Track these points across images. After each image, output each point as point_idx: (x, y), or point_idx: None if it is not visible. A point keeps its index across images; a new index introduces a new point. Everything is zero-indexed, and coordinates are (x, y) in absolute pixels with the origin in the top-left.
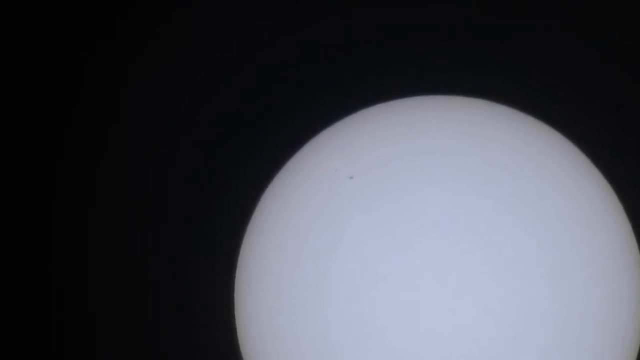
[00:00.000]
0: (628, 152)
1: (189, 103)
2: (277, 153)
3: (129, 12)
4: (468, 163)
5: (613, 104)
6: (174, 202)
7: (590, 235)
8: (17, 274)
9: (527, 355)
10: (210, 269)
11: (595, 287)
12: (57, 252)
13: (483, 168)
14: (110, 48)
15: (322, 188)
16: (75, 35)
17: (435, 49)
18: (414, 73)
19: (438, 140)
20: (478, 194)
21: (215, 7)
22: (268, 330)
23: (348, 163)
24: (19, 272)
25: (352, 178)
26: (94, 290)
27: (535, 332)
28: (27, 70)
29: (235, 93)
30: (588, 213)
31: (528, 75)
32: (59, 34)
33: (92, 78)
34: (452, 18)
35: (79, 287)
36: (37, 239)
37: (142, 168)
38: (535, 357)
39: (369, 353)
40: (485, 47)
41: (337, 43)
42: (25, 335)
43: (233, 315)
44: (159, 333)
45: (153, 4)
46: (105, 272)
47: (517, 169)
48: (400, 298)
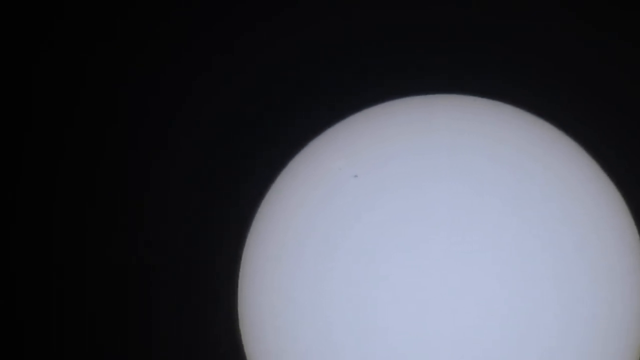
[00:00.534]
0: (631, 152)
1: (189, 103)
2: (277, 153)
3: (129, 12)
4: (468, 163)
5: (613, 104)
6: (174, 202)
7: (594, 237)
8: (17, 274)
9: (530, 357)
10: (212, 270)
11: (600, 288)
12: (57, 252)
13: (483, 167)
14: (110, 48)
15: (324, 188)
16: (75, 35)
17: (435, 49)
18: (414, 73)
19: (438, 140)
20: (478, 194)
21: (215, 7)
22: (271, 330)
23: (349, 163)
24: (19, 272)
25: (356, 177)
26: (94, 290)
27: (539, 334)
28: (27, 70)
29: (235, 93)
30: (592, 214)
31: (528, 75)
32: (59, 34)
33: (92, 78)
34: (452, 18)
35: (79, 287)
36: (37, 239)
37: (142, 168)
38: (539, 359)
39: (372, 352)
40: (485, 47)
41: (337, 43)
42: (26, 335)
43: (236, 315)
44: (161, 334)
45: (153, 4)
46: (105, 272)
47: (519, 168)
48: (404, 298)
